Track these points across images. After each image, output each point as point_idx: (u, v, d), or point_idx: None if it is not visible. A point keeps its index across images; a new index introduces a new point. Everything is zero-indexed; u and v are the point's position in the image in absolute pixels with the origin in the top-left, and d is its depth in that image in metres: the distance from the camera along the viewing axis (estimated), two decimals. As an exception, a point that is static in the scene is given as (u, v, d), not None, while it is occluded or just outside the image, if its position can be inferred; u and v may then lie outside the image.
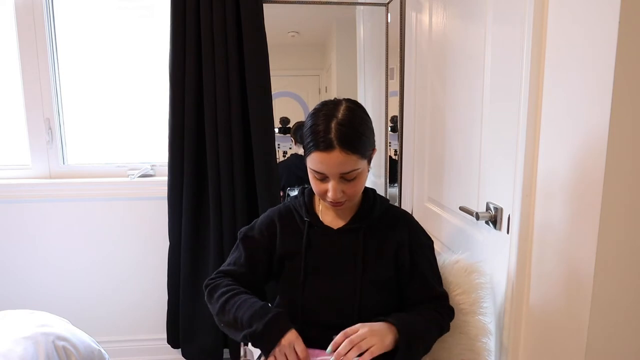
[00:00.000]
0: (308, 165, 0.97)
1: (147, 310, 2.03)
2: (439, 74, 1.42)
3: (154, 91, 1.99)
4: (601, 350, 0.77)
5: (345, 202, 0.98)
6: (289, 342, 0.87)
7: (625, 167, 0.71)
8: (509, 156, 0.98)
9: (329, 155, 0.91)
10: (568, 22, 0.79)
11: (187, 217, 1.82)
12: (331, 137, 0.90)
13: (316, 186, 0.98)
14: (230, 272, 1.06)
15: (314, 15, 2.04)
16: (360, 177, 0.96)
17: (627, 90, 0.68)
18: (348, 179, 0.94)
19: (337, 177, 0.94)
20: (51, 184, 1.90)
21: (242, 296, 0.97)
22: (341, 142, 0.90)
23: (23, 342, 1.13)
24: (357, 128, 0.93)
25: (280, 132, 2.05)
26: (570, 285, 0.80)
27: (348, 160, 0.91)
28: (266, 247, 1.06)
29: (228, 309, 0.95)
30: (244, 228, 1.11)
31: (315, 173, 0.95)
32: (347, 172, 0.93)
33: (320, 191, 0.97)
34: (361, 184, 0.98)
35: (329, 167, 0.92)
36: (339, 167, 0.92)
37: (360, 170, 0.95)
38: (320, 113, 0.94)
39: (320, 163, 0.92)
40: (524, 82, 0.91)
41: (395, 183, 1.88)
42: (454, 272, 1.09)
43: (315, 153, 0.92)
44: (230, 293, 0.98)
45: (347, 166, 0.92)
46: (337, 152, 0.90)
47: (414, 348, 0.92)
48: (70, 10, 1.93)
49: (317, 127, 0.92)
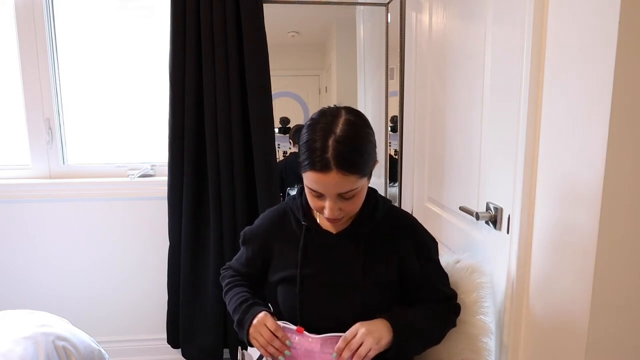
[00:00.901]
0: (305, 182, 0.93)
1: (147, 310, 2.03)
2: (439, 74, 1.42)
3: (154, 91, 1.99)
4: (601, 350, 0.77)
5: (343, 217, 0.96)
6: (259, 321, 0.93)
7: (626, 167, 0.71)
8: (509, 156, 0.98)
9: (325, 176, 0.85)
10: (568, 22, 0.79)
11: (187, 217, 1.82)
12: (328, 157, 0.84)
13: (312, 202, 0.94)
14: (234, 268, 1.13)
15: (314, 15, 2.04)
16: (360, 194, 0.92)
17: (627, 90, 0.69)
18: (346, 198, 0.90)
19: (334, 197, 0.89)
20: (51, 184, 1.90)
21: (236, 289, 1.05)
22: (338, 163, 0.84)
23: (23, 342, 1.13)
24: (356, 146, 0.87)
25: (280, 132, 2.05)
26: (570, 285, 0.80)
27: (346, 182, 0.86)
28: (263, 252, 1.05)
29: (227, 300, 1.06)
30: (246, 229, 1.11)
31: (311, 190, 0.91)
32: (345, 192, 0.89)
33: (317, 207, 0.93)
34: (360, 201, 0.94)
35: (326, 188, 0.88)
36: (336, 189, 0.87)
37: (358, 189, 0.91)
38: (318, 126, 0.88)
39: (316, 183, 0.88)
40: (524, 82, 0.91)
41: (395, 183, 1.88)
42: (454, 272, 1.09)
43: (310, 172, 0.87)
44: (229, 286, 1.08)
45: (344, 187, 0.87)
46: (334, 174, 0.85)
47: (410, 342, 0.93)
48: (70, 10, 1.93)
49: (313, 144, 0.86)
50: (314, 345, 0.91)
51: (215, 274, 1.82)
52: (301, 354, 0.92)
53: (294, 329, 0.93)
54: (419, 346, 0.98)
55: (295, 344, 0.92)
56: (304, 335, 0.92)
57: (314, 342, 0.91)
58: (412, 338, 0.94)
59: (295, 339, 0.92)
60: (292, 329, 0.93)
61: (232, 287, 1.07)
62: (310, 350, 0.91)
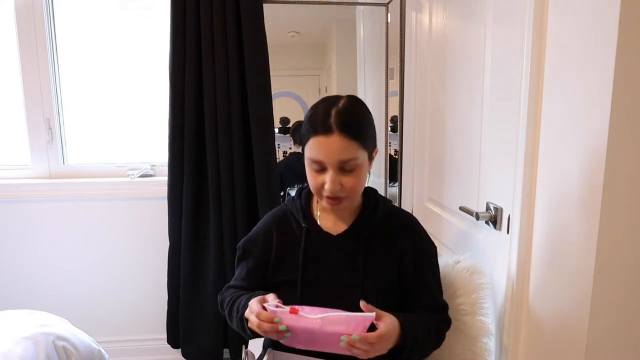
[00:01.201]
0: (306, 156, 0.93)
1: (147, 310, 2.03)
2: (439, 74, 1.42)
3: (154, 91, 1.99)
4: (601, 350, 0.77)
5: (344, 199, 0.94)
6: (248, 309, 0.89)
7: (626, 167, 0.71)
8: (509, 156, 0.98)
9: (327, 139, 0.87)
10: (568, 22, 0.79)
11: (187, 217, 1.82)
12: (330, 122, 0.88)
13: (313, 179, 0.93)
14: (235, 286, 1.07)
15: (314, 15, 2.04)
16: (360, 170, 0.92)
17: (627, 89, 0.68)
18: (347, 170, 0.90)
19: (335, 165, 0.89)
20: (51, 184, 1.90)
21: (238, 300, 0.98)
22: (341, 126, 0.87)
23: (23, 342, 1.14)
24: (358, 119, 0.91)
25: (280, 132, 2.05)
26: (570, 285, 0.80)
27: (348, 147, 0.88)
28: (263, 260, 1.03)
29: (232, 316, 0.98)
30: (243, 241, 1.08)
31: (312, 163, 0.91)
32: (347, 161, 0.89)
33: (317, 185, 0.93)
34: (361, 180, 0.94)
35: (328, 153, 0.88)
36: (338, 154, 0.88)
37: (360, 162, 0.91)
38: (320, 105, 0.93)
39: (318, 149, 0.89)
40: (524, 82, 0.91)
41: (395, 183, 1.88)
42: (455, 273, 1.09)
43: (313, 138, 0.89)
44: (232, 302, 1.00)
45: (346, 153, 0.88)
46: (336, 136, 0.87)
47: (413, 352, 0.90)
48: (70, 10, 1.93)
49: (316, 115, 0.90)
50: (314, 324, 0.84)
51: (216, 274, 1.82)
52: (301, 333, 0.85)
53: (287, 310, 0.85)
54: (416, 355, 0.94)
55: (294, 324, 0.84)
56: (300, 316, 0.85)
57: (314, 322, 0.84)
58: (413, 352, 0.90)
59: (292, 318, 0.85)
60: (285, 310, 0.85)
61: (235, 299, 1.00)
62: (310, 330, 0.84)
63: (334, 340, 0.82)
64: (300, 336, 0.85)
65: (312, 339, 0.85)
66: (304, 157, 0.95)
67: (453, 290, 1.07)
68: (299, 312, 0.84)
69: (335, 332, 0.82)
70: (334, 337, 0.82)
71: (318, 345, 0.87)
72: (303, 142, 0.94)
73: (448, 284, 1.09)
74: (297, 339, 0.86)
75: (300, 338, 0.86)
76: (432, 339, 0.97)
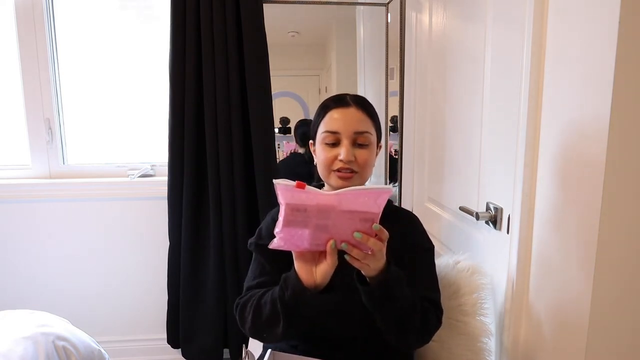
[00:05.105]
0: (319, 132, 0.97)
1: (147, 310, 2.03)
2: (439, 74, 1.42)
3: (154, 91, 1.99)
4: (601, 350, 0.77)
5: (354, 176, 0.95)
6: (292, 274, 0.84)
7: (626, 167, 0.71)
8: (509, 156, 0.98)
9: (344, 110, 0.95)
10: (568, 22, 0.79)
11: (187, 217, 1.82)
12: (347, 99, 0.97)
13: (326, 154, 0.95)
14: (252, 286, 1.01)
15: (314, 15, 2.05)
16: (371, 147, 0.97)
17: (627, 90, 0.68)
18: (360, 144, 0.95)
19: (350, 137, 0.94)
20: (51, 184, 1.90)
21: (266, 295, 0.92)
22: (357, 102, 0.96)
23: (23, 342, 1.14)
24: (368, 102, 1.00)
25: (280, 132, 2.05)
26: (570, 285, 0.80)
27: (363, 119, 0.95)
28: (272, 254, 0.97)
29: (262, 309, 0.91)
30: (252, 238, 1.06)
31: (327, 136, 0.95)
32: (361, 133, 0.94)
33: (330, 157, 0.95)
34: (372, 157, 0.98)
35: (345, 124, 0.94)
36: (354, 124, 0.94)
37: (372, 140, 0.97)
38: (330, 97, 1.01)
39: (335, 119, 0.95)
40: (524, 82, 0.91)
41: (395, 183, 1.88)
42: (455, 273, 1.09)
43: (331, 111, 0.96)
44: (258, 299, 0.93)
45: (362, 125, 0.95)
46: (353, 109, 0.95)
47: (391, 303, 0.85)
48: (70, 10, 1.93)
49: (329, 99, 0.99)
50: (332, 200, 0.75)
51: (216, 274, 1.83)
52: (314, 216, 0.76)
53: (293, 184, 0.76)
54: (392, 306, 0.86)
55: (309, 203, 0.75)
56: (308, 191, 0.75)
57: (331, 198, 0.75)
58: (390, 302, 0.85)
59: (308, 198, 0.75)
60: (292, 184, 0.76)
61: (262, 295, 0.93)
62: (326, 209, 0.75)
63: (348, 225, 0.75)
64: (312, 221, 0.76)
65: (324, 225, 0.76)
66: (316, 138, 0.99)
67: (453, 291, 1.07)
68: (306, 187, 0.75)
69: (353, 211, 0.75)
70: (351, 219, 0.75)
71: (327, 235, 0.77)
72: (316, 130, 0.99)
73: (448, 284, 1.09)
74: (304, 232, 0.77)
75: (310, 224, 0.76)
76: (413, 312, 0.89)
